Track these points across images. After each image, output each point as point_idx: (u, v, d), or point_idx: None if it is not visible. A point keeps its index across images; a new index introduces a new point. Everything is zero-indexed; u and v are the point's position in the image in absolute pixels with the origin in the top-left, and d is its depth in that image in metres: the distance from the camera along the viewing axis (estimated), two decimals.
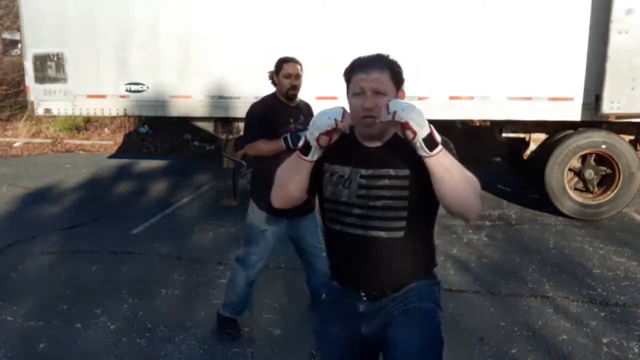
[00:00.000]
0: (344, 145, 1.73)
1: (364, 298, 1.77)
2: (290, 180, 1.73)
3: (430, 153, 1.54)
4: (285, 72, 3.17)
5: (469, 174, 1.64)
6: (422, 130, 1.52)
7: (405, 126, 1.52)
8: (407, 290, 1.78)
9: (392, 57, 1.72)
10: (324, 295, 1.97)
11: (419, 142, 1.53)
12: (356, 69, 1.67)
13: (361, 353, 1.85)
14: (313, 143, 1.63)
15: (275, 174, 1.79)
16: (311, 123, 1.65)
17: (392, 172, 1.68)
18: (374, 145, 1.73)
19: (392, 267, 1.75)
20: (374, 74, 1.64)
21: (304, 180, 1.71)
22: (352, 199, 1.71)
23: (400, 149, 1.69)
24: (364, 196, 1.70)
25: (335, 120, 1.59)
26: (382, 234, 1.71)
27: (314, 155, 1.66)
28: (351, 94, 1.68)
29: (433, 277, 1.89)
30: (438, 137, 1.57)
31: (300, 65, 3.22)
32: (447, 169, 1.57)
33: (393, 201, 1.68)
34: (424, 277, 1.84)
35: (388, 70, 1.66)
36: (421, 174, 1.62)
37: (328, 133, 1.60)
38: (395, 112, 1.51)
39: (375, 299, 1.77)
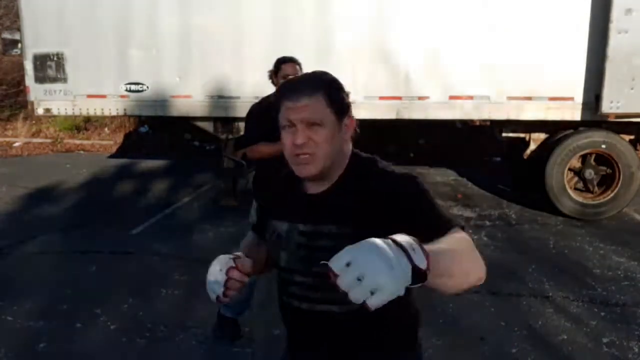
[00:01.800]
0: (287, 190, 1.41)
1: None
2: None
3: (423, 283, 0.98)
4: (284, 72, 3.11)
5: (462, 240, 1.19)
6: (404, 286, 0.93)
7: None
8: None
9: (331, 75, 1.34)
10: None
11: None
12: (283, 96, 1.31)
13: None
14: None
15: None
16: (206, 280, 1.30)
17: (333, 229, 1.29)
18: (317, 191, 1.35)
19: (356, 347, 1.36)
20: (303, 100, 1.26)
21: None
22: (292, 264, 1.36)
23: (349, 193, 1.31)
24: (304, 259, 1.32)
25: (218, 297, 1.27)
26: (333, 308, 1.31)
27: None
28: (281, 128, 1.32)
29: (417, 349, 1.45)
30: (420, 261, 0.95)
31: (299, 65, 3.17)
32: (444, 271, 1.05)
33: None
34: (407, 349, 1.43)
35: (321, 94, 1.27)
36: (377, 228, 1.09)
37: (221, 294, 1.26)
38: (364, 303, 0.91)
39: None
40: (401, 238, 0.98)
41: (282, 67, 3.13)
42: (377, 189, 1.29)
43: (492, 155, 8.89)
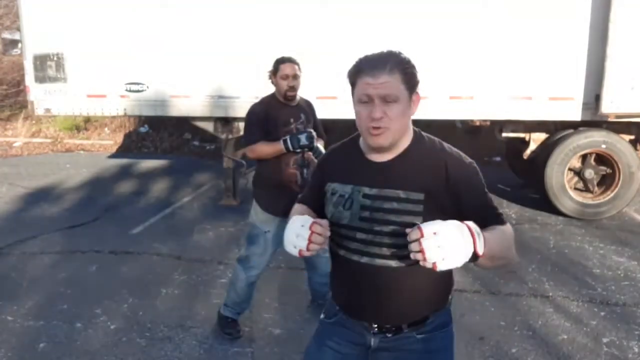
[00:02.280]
0: (348, 158, 1.56)
1: (376, 330, 1.57)
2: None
3: (474, 262, 1.33)
4: (283, 73, 3.11)
5: (507, 234, 1.44)
6: (464, 261, 1.28)
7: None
8: (430, 339, 1.56)
9: (404, 55, 1.45)
10: (322, 316, 1.73)
11: None
12: (362, 72, 1.41)
13: None
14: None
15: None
16: (285, 237, 1.48)
17: (401, 194, 1.45)
18: (382, 159, 1.50)
19: (404, 299, 1.53)
20: (382, 77, 1.38)
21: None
22: (355, 222, 1.50)
23: (415, 164, 1.48)
24: (367, 219, 1.48)
25: (300, 250, 1.43)
26: (391, 263, 1.48)
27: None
28: (357, 100, 1.44)
29: (449, 304, 1.64)
30: (481, 247, 1.29)
31: (298, 64, 3.16)
32: (492, 258, 1.35)
33: (402, 227, 1.37)
34: (442, 306, 1.60)
35: (398, 72, 1.40)
36: (440, 198, 1.44)
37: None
38: (434, 263, 1.24)
39: (389, 332, 1.56)
40: (473, 225, 1.30)
41: (281, 67, 3.13)
42: (442, 164, 1.47)
43: (492, 155, 8.89)
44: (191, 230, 5.48)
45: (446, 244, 1.23)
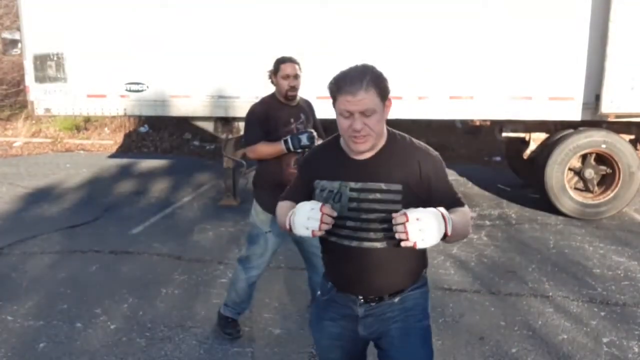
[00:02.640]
0: (332, 158, 1.78)
1: (361, 300, 1.82)
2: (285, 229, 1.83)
3: (442, 240, 1.62)
4: (283, 73, 3.11)
5: (465, 217, 1.74)
6: (437, 242, 1.58)
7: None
8: (405, 299, 1.83)
9: (376, 69, 1.65)
10: (318, 293, 2.01)
11: None
12: (341, 89, 1.61)
13: (354, 349, 1.95)
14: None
15: (276, 213, 1.95)
16: (292, 219, 1.68)
17: (383, 186, 1.70)
18: (363, 157, 1.73)
19: (388, 274, 1.79)
20: (360, 94, 1.59)
21: None
22: (344, 212, 1.72)
23: (391, 160, 1.73)
24: (355, 209, 1.72)
25: (313, 231, 1.63)
26: (377, 244, 1.73)
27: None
28: (338, 113, 1.66)
29: (424, 278, 1.92)
30: (450, 229, 1.60)
31: (299, 64, 3.16)
32: (455, 235, 1.65)
33: (386, 214, 1.66)
34: (418, 279, 1.88)
35: (373, 88, 1.61)
36: (414, 187, 1.70)
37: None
38: (415, 243, 1.53)
39: (372, 302, 1.82)
40: (444, 211, 1.60)
41: (282, 67, 3.12)
42: (415, 160, 1.73)
43: (492, 155, 8.90)
44: (191, 230, 5.48)
45: (426, 227, 1.53)
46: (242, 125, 4.28)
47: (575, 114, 5.69)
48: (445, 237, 1.60)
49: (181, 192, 7.05)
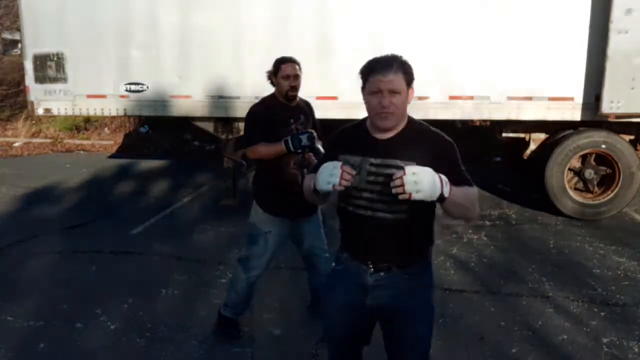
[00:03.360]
0: (357, 136, 2.00)
1: (372, 270, 2.00)
2: (311, 198, 2.09)
3: (441, 203, 1.81)
4: (284, 73, 3.11)
5: (470, 194, 1.92)
6: (433, 197, 1.76)
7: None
8: (412, 274, 2.02)
9: (403, 58, 1.90)
10: (333, 264, 2.20)
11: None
12: (373, 71, 1.86)
13: (361, 320, 2.11)
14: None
15: (303, 186, 2.15)
16: (316, 177, 1.91)
17: (399, 162, 1.87)
18: (384, 137, 1.94)
19: (396, 244, 1.98)
20: (390, 75, 1.84)
21: (321, 200, 2.07)
22: (362, 185, 1.93)
23: (409, 141, 1.94)
24: (373, 182, 1.92)
25: (333, 185, 1.83)
26: (388, 215, 1.93)
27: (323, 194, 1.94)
28: (368, 92, 1.89)
29: (429, 256, 2.14)
30: (447, 192, 1.78)
31: (299, 64, 3.16)
32: (454, 203, 1.83)
33: None
34: (424, 255, 2.09)
35: (401, 72, 1.86)
36: (427, 166, 1.83)
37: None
38: (410, 194, 1.72)
39: (381, 271, 2.00)
40: (444, 176, 1.79)
41: (282, 67, 3.13)
42: (430, 142, 1.95)
43: (492, 155, 8.89)
44: (191, 231, 5.48)
45: (421, 181, 1.72)
46: (242, 125, 4.28)
47: (575, 114, 5.68)
48: (443, 200, 1.78)
49: (181, 193, 7.05)
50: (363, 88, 1.91)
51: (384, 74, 1.84)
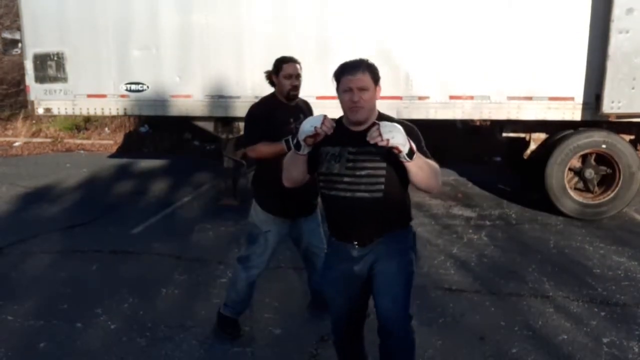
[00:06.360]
0: (336, 131, 2.21)
1: (356, 245, 2.33)
2: (293, 168, 2.30)
3: (409, 160, 2.08)
4: (285, 72, 3.13)
5: (433, 165, 2.20)
6: (405, 148, 2.05)
7: (393, 148, 2.04)
8: (388, 236, 2.33)
9: (370, 61, 2.24)
10: (326, 248, 2.59)
11: (402, 155, 2.06)
12: (344, 72, 2.19)
13: (355, 286, 2.39)
14: (302, 143, 2.17)
15: (283, 163, 2.35)
16: (300, 128, 2.15)
17: (373, 149, 2.14)
18: (359, 129, 2.24)
19: (375, 220, 2.29)
20: (358, 74, 2.16)
21: (302, 167, 2.28)
22: (342, 170, 2.24)
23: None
24: (351, 167, 2.23)
25: (315, 127, 2.08)
26: (366, 195, 2.24)
27: (304, 150, 2.20)
28: (341, 91, 2.20)
29: (409, 227, 2.44)
30: (414, 149, 2.09)
31: (299, 64, 3.18)
32: (419, 167, 2.12)
33: (373, 170, 2.22)
34: (402, 227, 2.41)
35: (368, 72, 2.19)
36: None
37: (312, 136, 2.11)
38: (387, 140, 2.00)
39: (364, 245, 2.32)
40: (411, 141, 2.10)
41: (284, 66, 3.14)
42: None
43: (492, 155, 8.89)
44: (191, 230, 5.48)
45: (394, 130, 2.02)
46: (242, 125, 4.28)
47: (575, 114, 5.68)
48: (412, 155, 2.06)
49: (181, 192, 7.04)
50: (337, 88, 2.22)
51: (353, 73, 2.16)
